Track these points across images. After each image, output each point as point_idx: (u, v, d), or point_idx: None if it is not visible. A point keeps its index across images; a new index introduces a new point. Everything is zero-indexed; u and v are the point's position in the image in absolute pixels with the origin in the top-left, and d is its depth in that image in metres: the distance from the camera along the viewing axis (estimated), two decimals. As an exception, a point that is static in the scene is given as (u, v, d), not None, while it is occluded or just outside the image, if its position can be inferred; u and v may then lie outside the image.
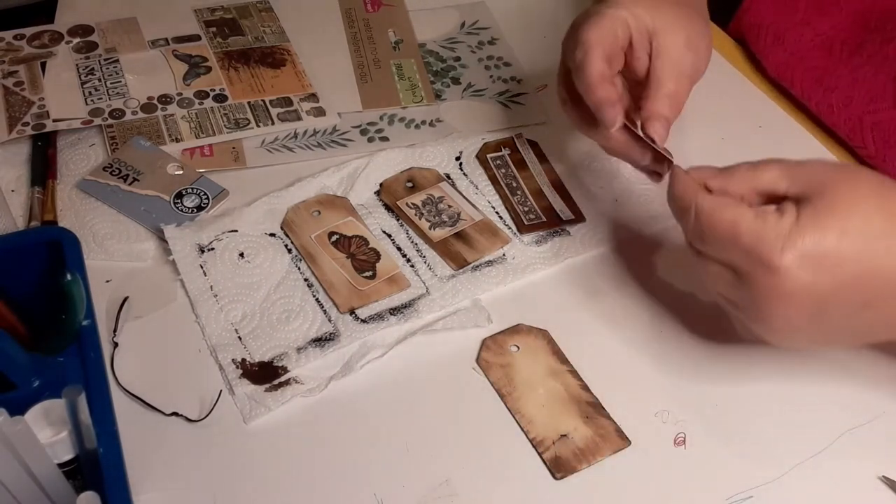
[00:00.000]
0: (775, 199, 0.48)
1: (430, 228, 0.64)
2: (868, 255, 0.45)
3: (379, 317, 0.59)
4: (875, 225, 0.45)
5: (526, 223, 0.65)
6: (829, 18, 0.74)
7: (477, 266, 0.62)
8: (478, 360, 0.57)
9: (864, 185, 0.46)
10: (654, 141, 0.56)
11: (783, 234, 0.45)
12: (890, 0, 0.71)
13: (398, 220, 0.66)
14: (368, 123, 0.73)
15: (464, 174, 0.69)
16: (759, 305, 0.47)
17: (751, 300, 0.47)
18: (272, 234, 0.64)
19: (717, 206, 0.47)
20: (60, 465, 0.45)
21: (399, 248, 0.63)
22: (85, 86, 0.74)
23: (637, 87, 0.59)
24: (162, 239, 0.63)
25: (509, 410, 0.55)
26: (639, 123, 0.57)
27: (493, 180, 0.68)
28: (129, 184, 0.66)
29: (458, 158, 0.70)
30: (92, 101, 0.72)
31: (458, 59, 0.80)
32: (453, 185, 0.68)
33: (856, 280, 0.45)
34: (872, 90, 0.69)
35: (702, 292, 0.60)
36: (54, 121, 0.70)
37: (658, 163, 0.58)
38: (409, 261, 0.63)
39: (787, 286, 0.45)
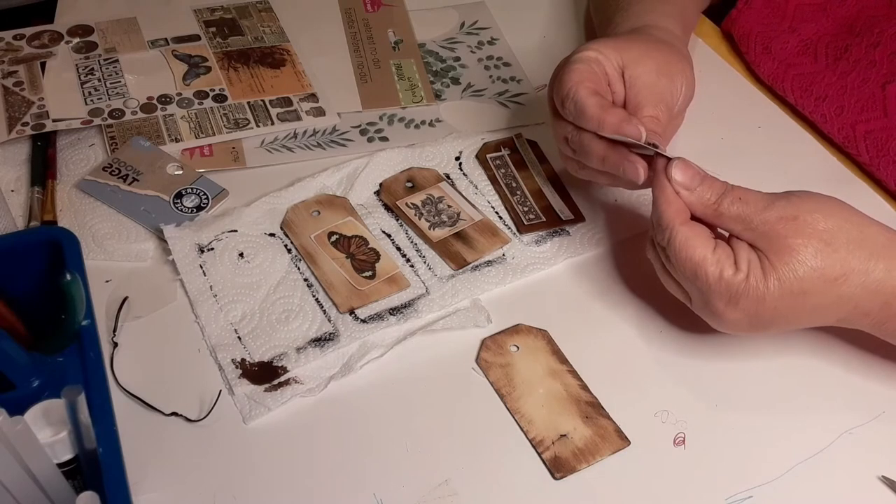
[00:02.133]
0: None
1: (429, 228, 0.64)
2: (799, 305, 0.51)
3: (378, 317, 0.59)
4: (808, 276, 0.50)
5: (526, 223, 0.65)
6: (815, 24, 0.74)
7: (477, 266, 0.62)
8: (478, 360, 0.57)
9: (806, 233, 0.51)
10: (655, 145, 0.55)
11: (733, 291, 0.51)
12: (876, 7, 0.71)
13: (398, 220, 0.66)
14: (368, 123, 0.73)
15: (463, 174, 0.69)
16: (704, 315, 0.54)
17: (699, 308, 0.54)
18: (272, 234, 0.64)
19: (687, 243, 0.52)
20: (60, 465, 0.45)
21: (399, 248, 0.63)
22: (85, 86, 0.74)
23: None
24: (161, 239, 0.63)
25: (509, 410, 0.55)
26: (643, 133, 0.56)
27: (493, 180, 0.68)
28: (129, 184, 0.66)
29: (457, 158, 0.70)
30: (92, 101, 0.72)
31: (457, 59, 0.80)
32: (453, 185, 0.68)
33: (789, 311, 0.52)
34: (862, 99, 0.69)
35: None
36: (54, 121, 0.70)
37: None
38: (408, 261, 0.63)
39: (729, 320, 0.52)
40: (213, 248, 0.62)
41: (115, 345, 0.57)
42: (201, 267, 0.61)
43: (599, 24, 0.76)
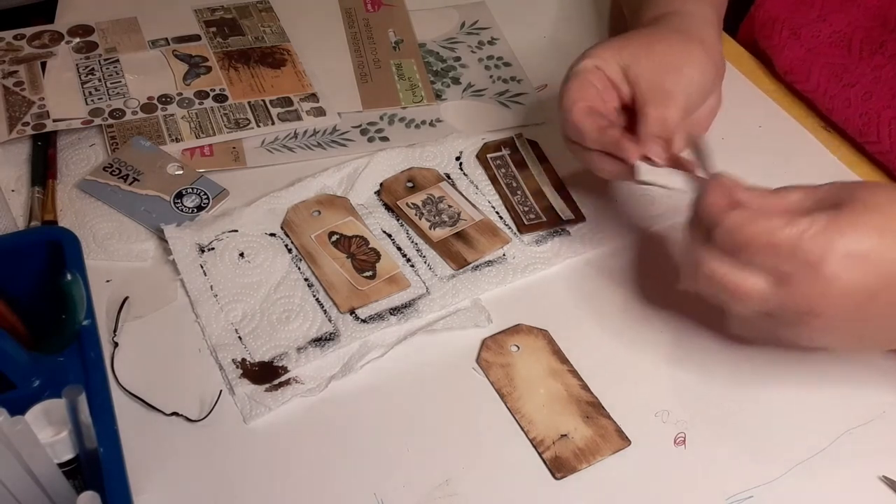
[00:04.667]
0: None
1: (430, 228, 0.64)
2: None
3: (379, 317, 0.59)
4: None
5: (526, 223, 0.65)
6: (846, 15, 0.73)
7: (477, 266, 0.62)
8: (478, 360, 0.57)
9: (889, 192, 0.47)
10: (682, 164, 0.56)
11: (821, 235, 0.45)
12: None
13: (398, 219, 0.66)
14: (368, 123, 0.73)
15: (464, 174, 0.69)
16: (801, 308, 0.47)
17: (792, 304, 0.47)
18: (272, 234, 0.64)
19: (747, 219, 0.47)
20: (60, 465, 0.45)
21: (399, 248, 0.64)
22: (85, 86, 0.74)
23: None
24: (162, 239, 0.63)
25: (509, 410, 0.55)
26: (632, 157, 0.57)
27: (493, 180, 0.68)
28: (130, 184, 0.66)
29: (458, 158, 0.70)
30: (92, 101, 0.72)
31: (458, 59, 0.80)
32: (453, 185, 0.68)
33: (892, 283, 0.46)
34: (894, 87, 0.68)
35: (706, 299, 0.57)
36: (54, 121, 0.70)
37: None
38: (409, 261, 0.63)
39: (831, 286, 0.45)
40: (213, 248, 0.62)
41: (116, 345, 0.57)
42: (202, 267, 0.61)
43: (629, 18, 0.75)
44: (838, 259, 0.45)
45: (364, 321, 0.59)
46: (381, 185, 0.68)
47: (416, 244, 0.64)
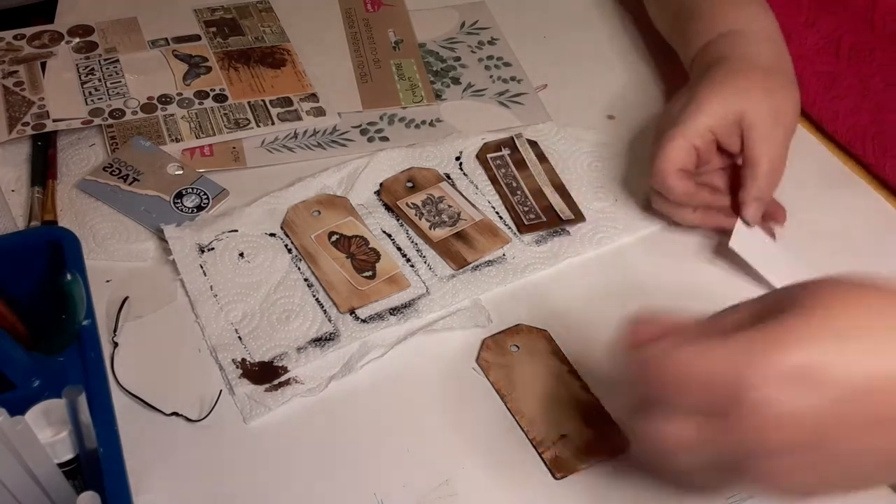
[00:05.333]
0: None
1: (430, 228, 0.64)
2: (854, 361, 0.37)
3: (379, 317, 0.59)
4: (851, 325, 0.38)
5: (526, 223, 0.65)
6: (834, 17, 0.73)
7: (477, 266, 0.62)
8: (478, 360, 0.57)
9: (832, 288, 0.39)
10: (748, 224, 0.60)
11: (743, 357, 0.37)
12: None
13: (398, 220, 0.66)
14: (368, 123, 0.73)
15: (464, 174, 0.69)
16: (739, 450, 0.38)
17: (728, 448, 0.39)
18: (272, 234, 0.64)
19: (660, 354, 0.40)
20: (60, 465, 0.45)
21: (399, 248, 0.63)
22: (85, 86, 0.74)
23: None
24: (162, 239, 0.63)
25: (509, 410, 0.55)
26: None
27: (493, 180, 0.68)
28: (129, 184, 0.66)
29: (458, 158, 0.70)
30: (92, 101, 0.72)
31: (458, 59, 0.80)
32: (453, 185, 0.68)
33: (854, 392, 0.37)
34: (882, 102, 0.68)
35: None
36: (54, 121, 0.70)
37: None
38: (409, 261, 0.63)
39: (766, 417, 0.37)
40: (213, 248, 0.62)
41: (116, 345, 0.57)
42: (202, 267, 0.61)
43: (672, 30, 0.74)
44: (769, 382, 0.37)
45: (364, 321, 0.59)
46: (380, 185, 0.68)
47: (416, 244, 0.64)
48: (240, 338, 0.58)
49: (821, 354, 0.37)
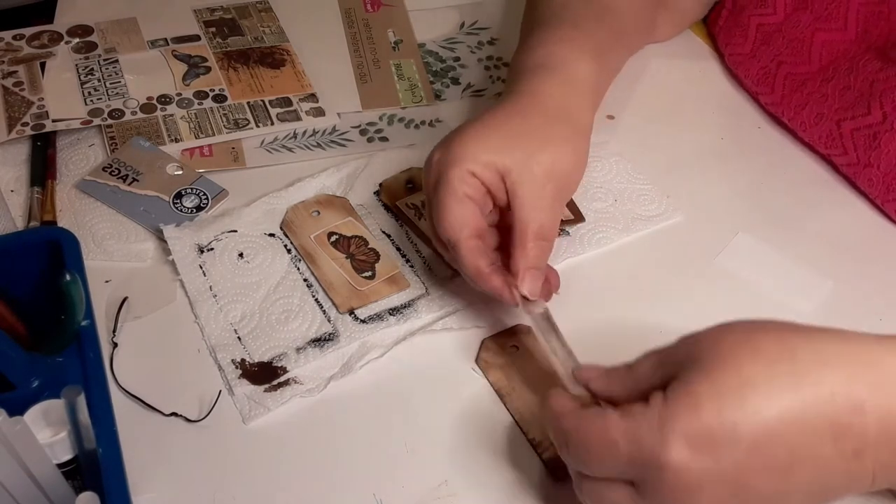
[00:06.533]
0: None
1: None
2: (757, 411, 0.38)
3: (378, 317, 0.59)
4: (750, 376, 0.39)
5: (525, 223, 0.65)
6: (772, 47, 0.72)
7: (476, 266, 0.62)
8: (477, 361, 0.57)
9: (728, 340, 0.41)
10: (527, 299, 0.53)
11: (656, 424, 0.39)
12: (830, 31, 0.69)
13: (398, 220, 0.65)
14: (368, 123, 0.73)
15: (463, 174, 0.69)
16: None
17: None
18: (271, 235, 0.64)
19: (582, 422, 0.42)
20: (59, 466, 0.45)
21: (398, 249, 0.63)
22: (84, 86, 0.74)
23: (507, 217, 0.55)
24: (161, 239, 0.63)
25: (509, 411, 0.55)
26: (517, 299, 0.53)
27: (493, 180, 0.68)
28: (129, 184, 0.66)
29: (457, 158, 0.70)
30: (91, 101, 0.72)
31: (457, 59, 0.80)
32: (453, 186, 0.68)
33: (765, 439, 0.38)
34: (843, 101, 0.66)
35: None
36: (54, 121, 0.70)
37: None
38: (408, 261, 0.63)
39: (686, 479, 0.38)
40: (212, 249, 0.62)
41: (115, 345, 0.57)
42: (201, 267, 0.61)
43: (520, 40, 0.67)
44: (683, 447, 0.38)
45: (363, 321, 0.59)
46: (380, 185, 0.68)
47: (416, 245, 0.64)
48: (239, 338, 0.58)
49: (726, 412, 0.38)
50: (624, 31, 0.67)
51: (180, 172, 0.68)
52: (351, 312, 0.59)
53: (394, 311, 0.60)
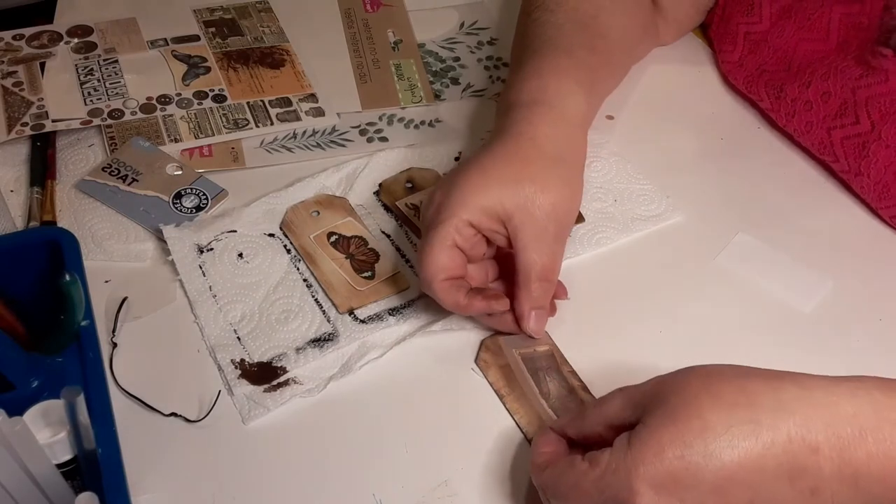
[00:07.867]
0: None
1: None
2: (717, 455, 0.40)
3: (378, 317, 0.59)
4: (711, 421, 0.41)
5: (525, 223, 0.65)
6: (758, 56, 0.72)
7: (476, 266, 0.62)
8: (477, 361, 0.57)
9: (693, 385, 0.43)
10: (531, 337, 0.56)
11: (622, 470, 0.41)
12: (812, 42, 0.69)
13: (397, 220, 0.65)
14: (368, 124, 0.73)
15: (463, 174, 0.69)
16: None
17: None
18: (271, 235, 0.64)
19: (557, 476, 0.45)
20: (59, 466, 0.45)
21: (398, 249, 0.63)
22: (84, 86, 0.74)
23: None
24: (161, 239, 0.62)
25: (508, 411, 0.55)
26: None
27: (493, 180, 0.68)
28: (129, 184, 0.66)
29: (457, 159, 0.70)
30: (91, 101, 0.72)
31: (457, 59, 0.80)
32: (452, 186, 0.68)
33: (727, 482, 0.40)
34: (828, 109, 0.66)
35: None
36: (53, 121, 0.70)
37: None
38: (408, 261, 0.63)
39: None
40: (212, 249, 0.62)
41: (115, 345, 0.57)
42: (201, 267, 0.61)
43: (510, 72, 0.67)
44: (649, 491, 0.41)
45: (363, 322, 0.59)
46: (380, 185, 0.67)
47: (416, 245, 0.64)
48: (239, 338, 0.58)
49: (688, 456, 0.40)
50: (615, 57, 0.69)
51: (180, 172, 0.68)
52: (351, 312, 0.59)
53: (393, 311, 0.60)
